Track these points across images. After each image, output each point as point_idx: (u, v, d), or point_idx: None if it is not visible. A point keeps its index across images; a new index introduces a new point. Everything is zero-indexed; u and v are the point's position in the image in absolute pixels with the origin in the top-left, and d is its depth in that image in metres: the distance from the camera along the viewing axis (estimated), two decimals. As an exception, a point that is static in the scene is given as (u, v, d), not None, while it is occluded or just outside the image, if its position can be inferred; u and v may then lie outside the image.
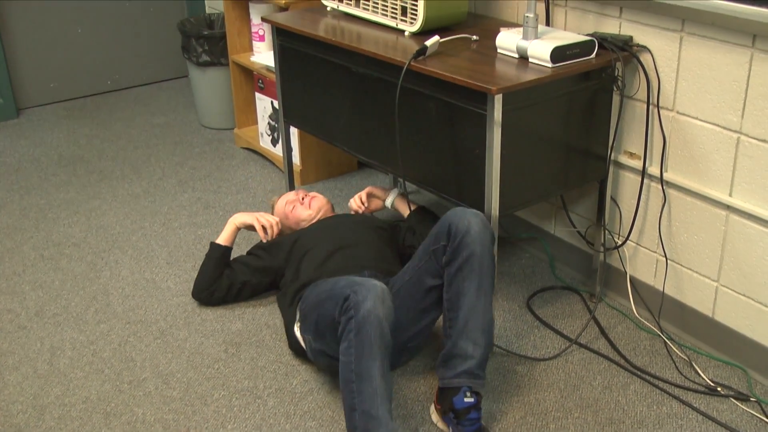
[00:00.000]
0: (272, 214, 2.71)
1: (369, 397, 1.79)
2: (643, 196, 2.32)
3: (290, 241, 2.47)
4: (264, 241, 2.55)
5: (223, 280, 2.48)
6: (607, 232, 2.41)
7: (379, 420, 1.78)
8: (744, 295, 2.13)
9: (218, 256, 2.49)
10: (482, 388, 1.96)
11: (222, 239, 2.51)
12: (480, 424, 1.92)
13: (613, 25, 2.26)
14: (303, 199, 2.66)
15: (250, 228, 2.57)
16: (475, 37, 2.30)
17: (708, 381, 2.13)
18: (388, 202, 2.70)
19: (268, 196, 3.21)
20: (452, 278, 1.97)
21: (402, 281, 2.11)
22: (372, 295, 1.84)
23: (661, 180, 2.24)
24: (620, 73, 2.16)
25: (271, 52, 3.19)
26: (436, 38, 2.15)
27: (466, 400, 1.91)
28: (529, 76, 1.97)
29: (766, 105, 1.94)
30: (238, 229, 2.55)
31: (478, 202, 2.06)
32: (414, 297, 2.07)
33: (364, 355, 1.81)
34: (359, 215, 2.62)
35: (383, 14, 2.44)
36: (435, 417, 2.01)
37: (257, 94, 3.50)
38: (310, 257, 2.36)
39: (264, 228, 2.55)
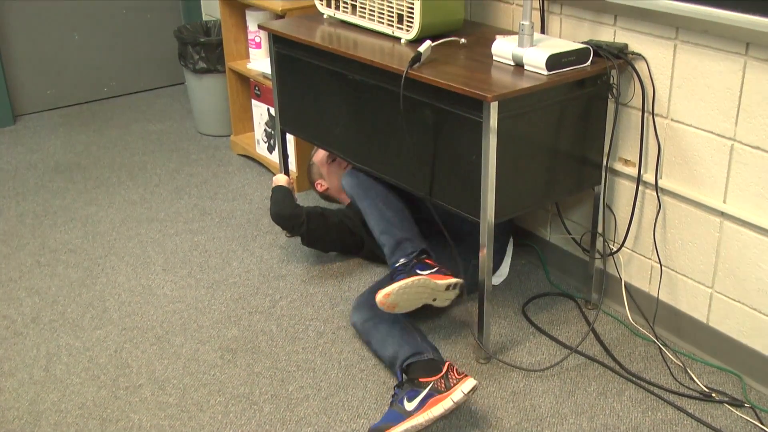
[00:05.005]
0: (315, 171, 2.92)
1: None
2: (638, 203, 2.33)
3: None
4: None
5: (315, 209, 2.68)
6: (602, 238, 2.42)
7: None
8: (738, 302, 2.14)
9: (286, 188, 2.70)
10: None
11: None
12: (412, 261, 2.18)
13: (608, 33, 2.27)
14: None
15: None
16: (463, 40, 2.32)
17: (703, 387, 2.14)
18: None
19: (264, 203, 3.22)
20: None
21: None
22: None
23: (656, 187, 2.25)
24: (615, 81, 2.18)
25: (268, 60, 3.20)
26: (428, 43, 2.16)
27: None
28: (524, 84, 1.98)
29: (759, 112, 1.96)
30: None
31: (473, 208, 2.07)
32: None
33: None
34: None
35: (379, 22, 2.45)
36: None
37: (254, 101, 3.51)
38: None
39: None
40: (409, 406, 1.92)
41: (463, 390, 1.91)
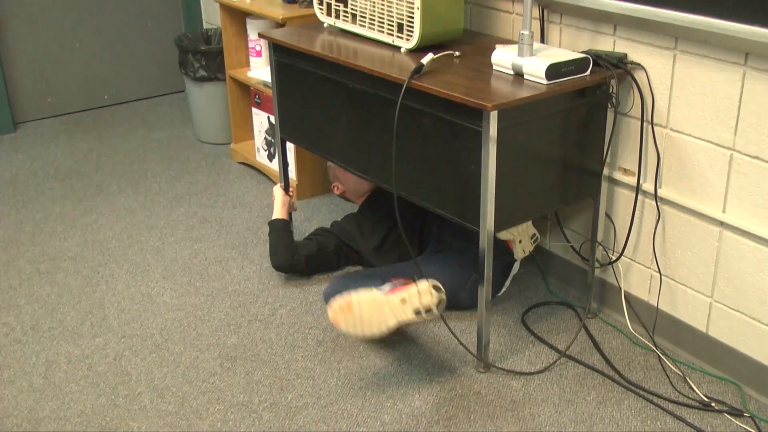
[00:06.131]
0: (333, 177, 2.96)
1: None
2: (637, 212, 2.33)
3: None
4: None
5: (309, 246, 2.72)
6: (601, 247, 2.43)
7: None
8: (737, 311, 2.14)
9: (281, 226, 2.74)
10: None
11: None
12: None
13: (607, 43, 2.28)
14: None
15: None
16: (457, 53, 2.32)
17: (702, 396, 2.14)
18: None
19: (264, 211, 3.22)
20: None
21: None
22: None
23: (656, 196, 2.26)
24: (614, 90, 2.18)
25: (268, 68, 3.21)
26: (430, 56, 2.16)
27: None
28: (524, 93, 1.99)
29: (758, 122, 1.96)
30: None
31: (473, 217, 2.07)
32: None
33: None
34: None
35: (380, 30, 2.46)
36: None
37: (254, 110, 3.51)
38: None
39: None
40: (382, 290, 2.19)
41: (431, 283, 2.12)
